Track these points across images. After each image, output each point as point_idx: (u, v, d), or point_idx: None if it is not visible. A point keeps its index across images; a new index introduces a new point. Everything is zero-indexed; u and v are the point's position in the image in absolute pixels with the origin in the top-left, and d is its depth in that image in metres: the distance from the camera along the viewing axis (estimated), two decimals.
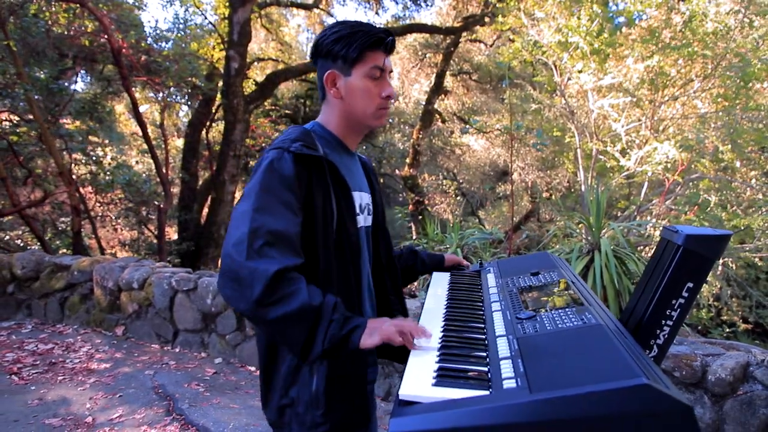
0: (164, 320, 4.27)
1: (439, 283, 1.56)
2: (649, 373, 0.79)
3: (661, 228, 6.59)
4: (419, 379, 0.91)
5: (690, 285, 1.11)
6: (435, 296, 1.42)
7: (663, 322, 1.13)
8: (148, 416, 3.01)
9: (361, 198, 1.37)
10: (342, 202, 1.25)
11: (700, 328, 7.74)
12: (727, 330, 8.50)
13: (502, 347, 0.99)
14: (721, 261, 7.41)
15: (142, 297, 4.37)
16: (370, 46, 1.24)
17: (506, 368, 0.90)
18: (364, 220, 1.38)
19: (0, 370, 3.70)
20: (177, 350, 4.17)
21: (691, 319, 7.96)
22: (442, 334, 1.12)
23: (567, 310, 1.09)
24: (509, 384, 0.84)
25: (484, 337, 1.08)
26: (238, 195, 9.56)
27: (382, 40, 1.25)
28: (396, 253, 1.61)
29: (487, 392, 0.85)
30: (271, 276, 1.01)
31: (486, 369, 0.93)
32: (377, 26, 1.28)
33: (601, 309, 1.12)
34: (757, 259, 7.27)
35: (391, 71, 1.32)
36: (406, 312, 1.51)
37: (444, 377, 0.91)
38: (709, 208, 6.89)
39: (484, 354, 0.99)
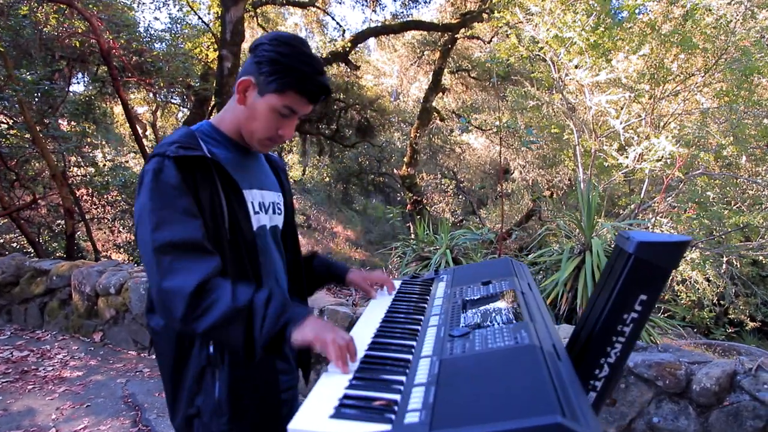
0: (141, 326, 4.16)
1: (385, 293, 1.44)
2: (569, 408, 0.66)
3: (658, 226, 6.44)
4: (317, 410, 0.79)
5: (643, 298, 0.98)
6: (376, 307, 1.30)
7: (614, 338, 1.00)
8: (114, 427, 2.90)
9: (262, 196, 1.29)
10: (233, 200, 1.16)
11: (697, 330, 7.58)
12: (731, 330, 8.34)
13: (422, 371, 0.86)
14: (725, 259, 7.25)
15: (119, 302, 4.27)
16: (296, 91, 1.17)
17: (416, 397, 0.77)
18: (269, 220, 1.30)
19: None
20: (154, 357, 4.06)
21: (693, 319, 7.81)
22: (365, 352, 1.00)
23: (504, 326, 0.97)
24: (412, 418, 0.72)
25: (410, 357, 0.96)
26: None
27: (314, 95, 1.19)
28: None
29: (388, 427, 0.72)
30: (190, 293, 1.00)
31: (397, 397, 0.80)
32: (322, 73, 1.19)
33: (543, 325, 1.00)
34: (761, 257, 7.11)
35: (306, 114, 1.23)
36: None
37: (346, 407, 0.79)
38: (709, 205, 6.74)
39: (403, 378, 0.87)
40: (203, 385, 1.15)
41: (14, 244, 10.00)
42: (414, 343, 1.02)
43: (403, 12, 13.92)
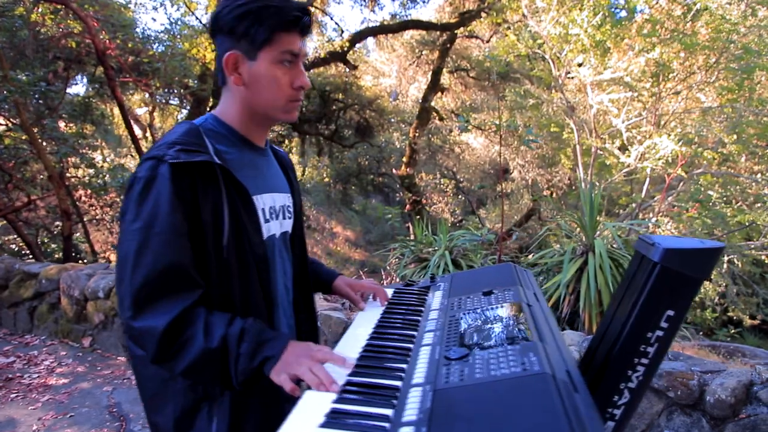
0: None
1: (376, 303, 1.31)
2: None
3: (660, 225, 6.32)
4: None
5: (670, 313, 0.85)
6: (364, 321, 1.17)
7: (636, 360, 0.87)
8: None
9: (274, 200, 1.15)
10: (241, 210, 1.02)
11: (701, 332, 7.47)
12: (733, 330, 8.26)
13: (412, 405, 0.73)
14: (726, 258, 7.14)
15: (108, 307, 4.13)
16: (283, 27, 1.01)
17: None
18: (279, 226, 1.17)
19: None
20: None
21: (695, 319, 7.69)
22: (347, 378, 0.87)
23: (509, 347, 0.83)
24: None
25: (399, 384, 0.83)
26: None
27: (298, 20, 1.02)
28: None
29: None
30: (161, 334, 0.92)
31: None
32: (292, 1, 1.04)
33: (554, 346, 0.86)
34: (763, 256, 7.02)
35: (306, 56, 1.08)
36: (316, 332, 1.30)
37: None
38: (711, 204, 6.63)
39: (390, 413, 0.74)
40: (197, 421, 1.03)
41: (13, 246, 9.92)
42: (405, 366, 0.89)
43: (401, 12, 13.81)
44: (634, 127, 6.53)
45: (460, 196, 15.71)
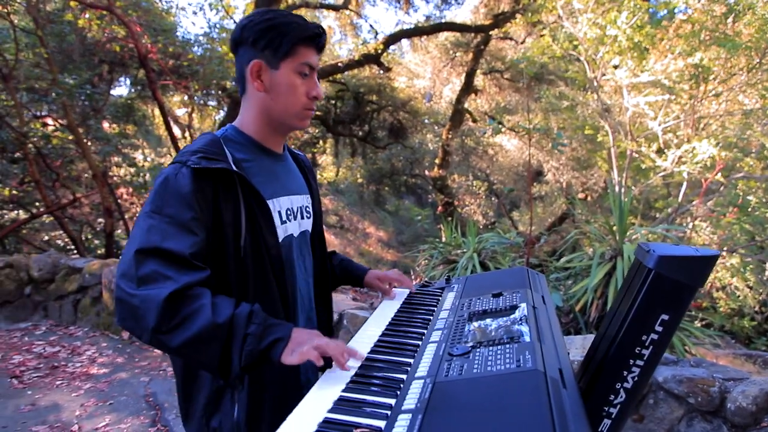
0: None
1: (393, 301, 1.38)
2: None
3: (697, 230, 6.16)
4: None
5: (665, 317, 0.89)
6: (380, 317, 1.24)
7: (631, 362, 0.91)
8: (134, 426, 2.93)
9: (291, 202, 1.24)
10: (257, 213, 1.10)
11: (736, 340, 7.24)
12: None
13: (413, 395, 0.80)
14: (767, 265, 6.91)
15: None
16: (303, 41, 1.14)
17: (400, 427, 0.71)
18: (298, 226, 1.26)
19: (4, 372, 3.71)
20: None
21: (732, 328, 7.47)
22: (358, 370, 0.94)
23: (508, 346, 0.89)
24: None
25: (404, 377, 0.90)
26: None
27: (316, 36, 1.15)
28: None
29: None
30: (164, 300, 0.91)
31: (381, 424, 0.74)
32: (310, 21, 1.17)
33: (552, 346, 0.91)
34: None
35: (317, 70, 1.19)
36: (331, 323, 1.40)
37: None
38: (751, 209, 6.43)
39: (393, 401, 0.81)
40: (221, 406, 1.11)
41: (59, 241, 10.38)
42: (411, 361, 0.96)
43: (436, 14, 13.83)
44: (671, 131, 6.40)
45: (492, 199, 15.60)
